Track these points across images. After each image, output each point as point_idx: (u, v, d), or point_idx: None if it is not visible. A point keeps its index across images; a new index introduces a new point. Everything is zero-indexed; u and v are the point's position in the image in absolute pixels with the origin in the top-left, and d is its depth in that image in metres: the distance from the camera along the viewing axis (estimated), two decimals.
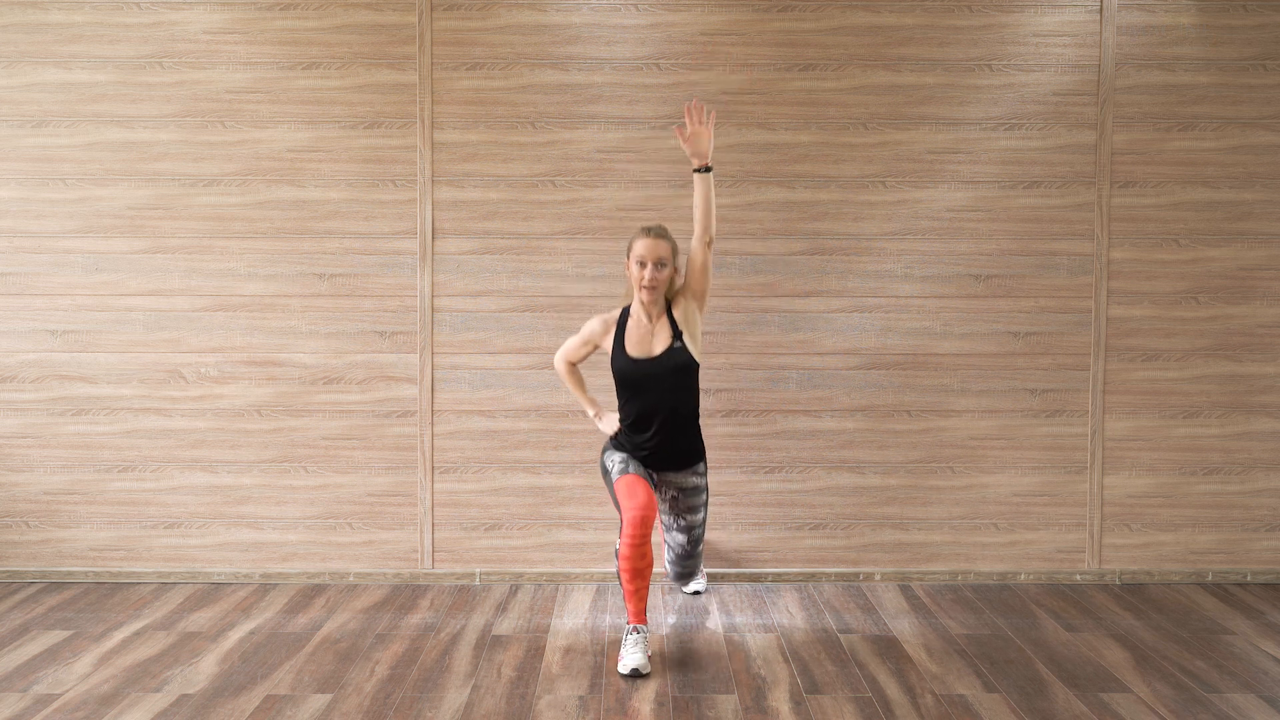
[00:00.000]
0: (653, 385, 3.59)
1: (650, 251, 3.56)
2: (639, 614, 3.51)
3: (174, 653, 3.57)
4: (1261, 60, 4.35)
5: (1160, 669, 3.47)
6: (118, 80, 4.30)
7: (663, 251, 3.56)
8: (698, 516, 3.73)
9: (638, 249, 3.58)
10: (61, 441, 4.37)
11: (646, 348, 3.62)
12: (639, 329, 3.64)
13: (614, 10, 4.30)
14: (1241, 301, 4.39)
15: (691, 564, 3.86)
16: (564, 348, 3.86)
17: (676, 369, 3.59)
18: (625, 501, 3.49)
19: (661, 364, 3.59)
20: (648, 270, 3.56)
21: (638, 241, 3.59)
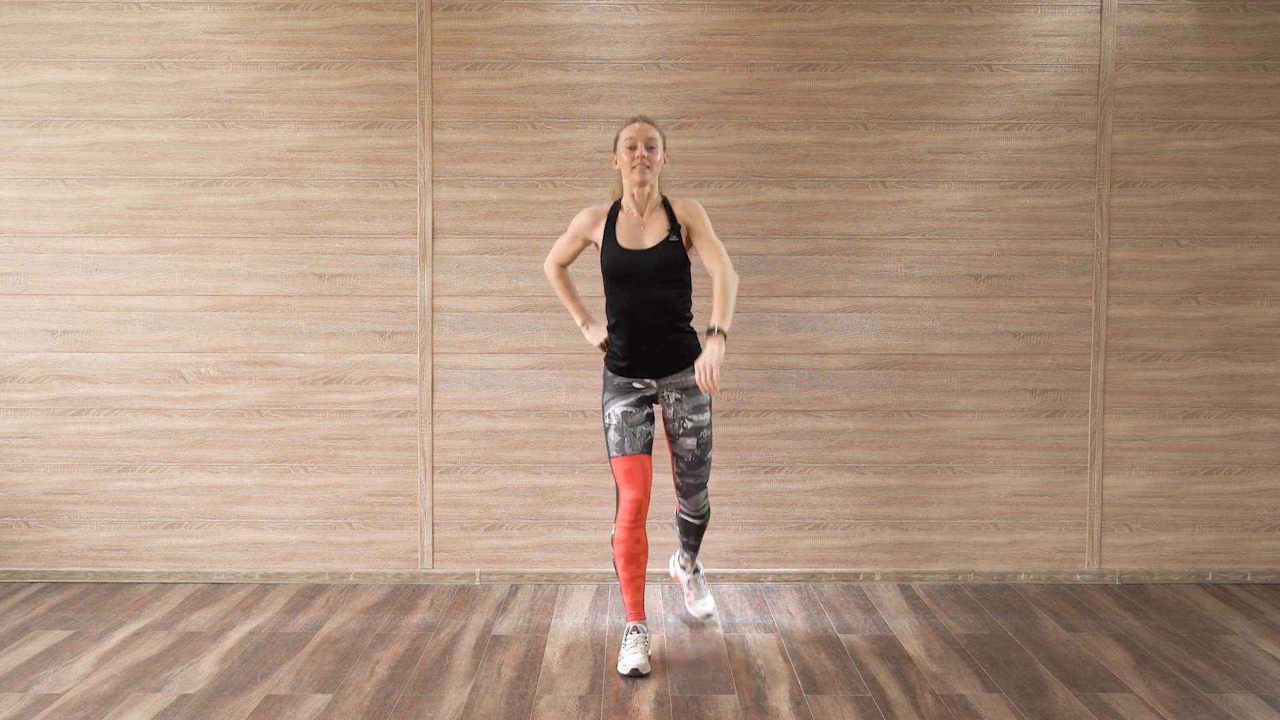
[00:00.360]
0: (643, 279, 3.48)
1: (639, 133, 3.48)
2: (637, 607, 3.51)
3: (174, 653, 3.57)
4: (1261, 60, 4.35)
5: (1160, 669, 3.47)
6: (118, 80, 4.30)
7: (651, 133, 3.49)
8: (704, 416, 3.58)
9: (626, 134, 3.51)
10: (61, 441, 4.37)
11: (638, 239, 3.52)
12: (629, 221, 3.55)
13: (614, 10, 4.30)
14: (1241, 301, 4.39)
15: (702, 472, 3.63)
16: (552, 250, 3.75)
17: (668, 264, 3.49)
18: (622, 487, 3.50)
19: (653, 256, 3.49)
20: (638, 150, 3.47)
21: (625, 129, 3.52)
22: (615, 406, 3.55)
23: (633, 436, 3.50)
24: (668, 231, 3.52)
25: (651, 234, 3.53)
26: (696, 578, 3.96)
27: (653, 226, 3.54)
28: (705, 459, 3.62)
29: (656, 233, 3.53)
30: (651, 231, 3.54)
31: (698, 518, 3.81)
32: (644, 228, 3.54)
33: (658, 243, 3.51)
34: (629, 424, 3.51)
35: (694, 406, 3.57)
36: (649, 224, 3.55)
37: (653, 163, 3.49)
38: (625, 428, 3.51)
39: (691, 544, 3.90)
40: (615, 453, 3.52)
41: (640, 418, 3.53)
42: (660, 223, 3.54)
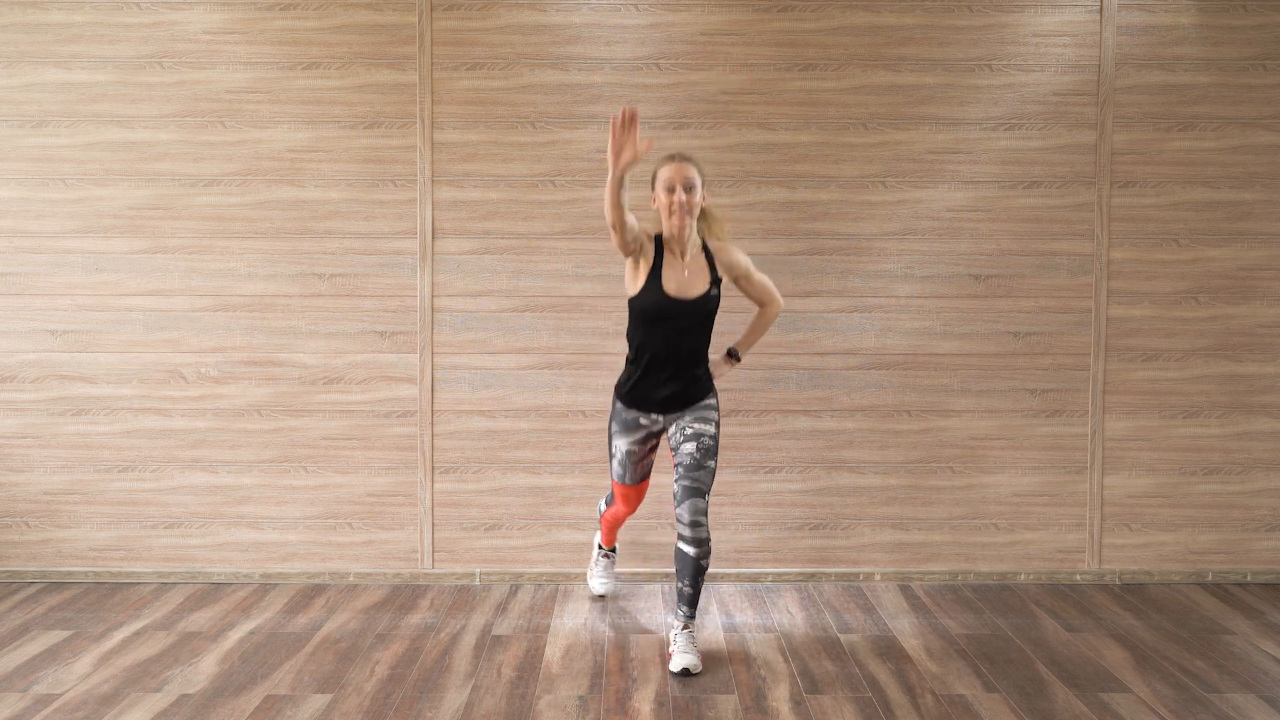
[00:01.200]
0: (679, 324, 3.48)
1: (678, 174, 3.43)
2: (611, 540, 4.11)
3: (174, 653, 3.57)
4: (1261, 60, 4.35)
5: (1160, 669, 3.47)
6: (118, 80, 4.30)
7: (690, 173, 3.43)
8: (708, 427, 3.54)
9: (663, 175, 3.45)
10: (61, 441, 4.37)
11: (684, 287, 3.47)
12: (674, 264, 3.49)
13: (614, 10, 4.30)
14: (1241, 301, 4.39)
15: (700, 476, 3.49)
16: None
17: (706, 315, 3.50)
18: (618, 502, 3.87)
19: (695, 306, 3.47)
20: (677, 194, 3.42)
21: (662, 168, 3.46)
22: (621, 442, 3.65)
23: (634, 471, 3.71)
24: (709, 284, 3.51)
25: (696, 283, 3.49)
26: (685, 634, 3.50)
27: (696, 274, 3.50)
28: (705, 465, 3.50)
29: (700, 282, 3.50)
30: (696, 280, 3.50)
31: (694, 543, 3.45)
32: (687, 274, 3.50)
33: (701, 294, 3.49)
34: (631, 461, 3.68)
35: (697, 418, 3.55)
36: (691, 270, 3.51)
37: (691, 206, 3.44)
38: (629, 464, 3.69)
39: (687, 591, 3.51)
40: (616, 479, 3.75)
41: (643, 453, 3.69)
42: (703, 271, 3.52)
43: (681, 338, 3.50)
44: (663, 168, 3.48)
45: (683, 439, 3.54)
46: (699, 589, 3.52)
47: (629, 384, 3.58)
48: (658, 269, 3.48)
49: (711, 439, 3.52)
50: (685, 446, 3.52)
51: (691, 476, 3.49)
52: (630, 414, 3.60)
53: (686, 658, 3.40)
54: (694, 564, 3.48)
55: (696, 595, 3.52)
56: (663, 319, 3.48)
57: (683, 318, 3.48)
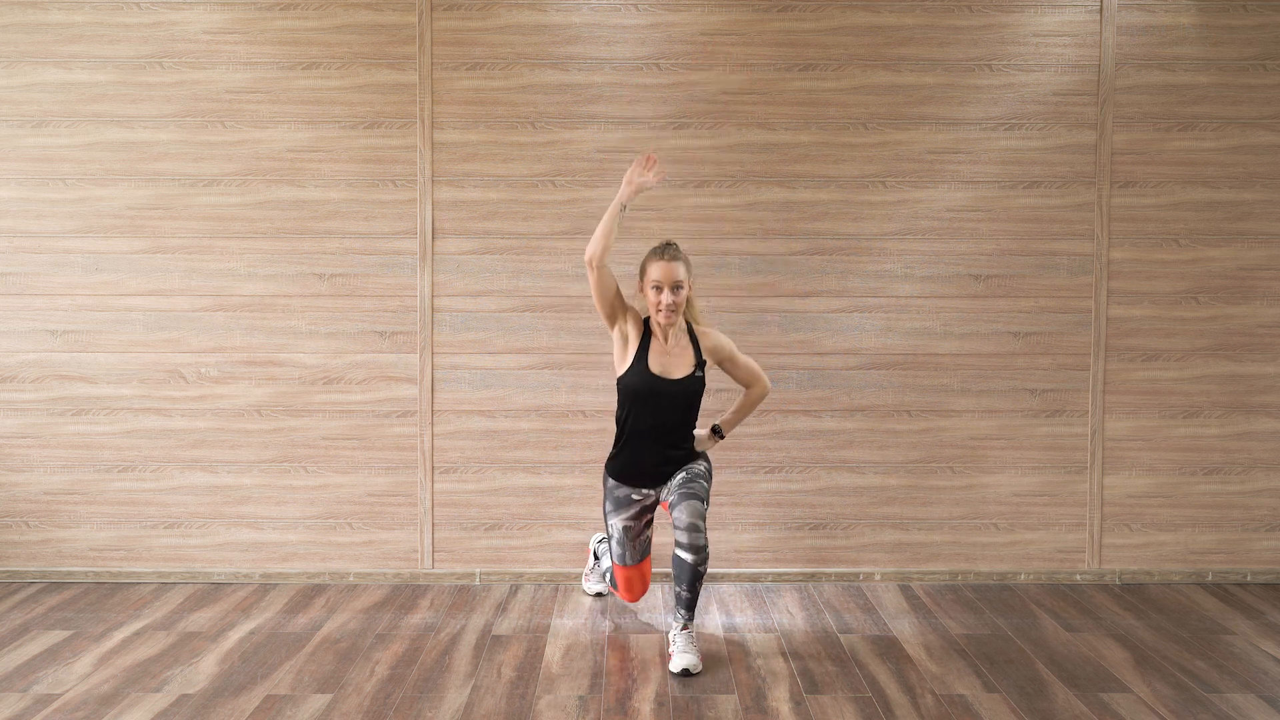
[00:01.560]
0: (665, 404, 3.59)
1: (666, 276, 3.51)
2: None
3: (174, 653, 3.57)
4: (1261, 60, 4.35)
5: (1160, 669, 3.47)
6: (118, 80, 4.30)
7: (679, 274, 3.52)
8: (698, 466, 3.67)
9: (652, 273, 3.53)
10: (61, 441, 4.37)
11: (668, 368, 3.59)
12: (659, 346, 3.62)
13: (614, 10, 4.30)
14: (1241, 301, 4.39)
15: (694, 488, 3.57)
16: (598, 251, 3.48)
17: (689, 394, 3.61)
18: (621, 589, 3.84)
19: (680, 387, 3.59)
20: (665, 296, 3.52)
21: (651, 265, 3.54)
22: (616, 520, 3.72)
23: (633, 549, 3.75)
24: (694, 365, 3.61)
25: (680, 364, 3.60)
26: (685, 634, 3.50)
27: (680, 355, 3.62)
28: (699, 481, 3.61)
29: (684, 365, 3.61)
30: (681, 361, 3.61)
31: (692, 550, 3.45)
32: (671, 355, 3.61)
33: (684, 376, 3.59)
34: (629, 537, 3.73)
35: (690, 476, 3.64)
36: (677, 351, 3.61)
37: (679, 305, 3.54)
38: (626, 541, 3.73)
39: (685, 596, 3.50)
40: (617, 561, 3.78)
41: (640, 528, 3.75)
42: (687, 352, 3.63)
43: (666, 417, 3.61)
44: (651, 264, 3.53)
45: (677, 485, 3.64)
46: (697, 593, 3.53)
47: (617, 459, 3.70)
48: (645, 349, 3.60)
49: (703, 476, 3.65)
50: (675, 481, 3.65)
51: (688, 487, 3.60)
52: (621, 490, 3.71)
53: (686, 658, 3.41)
54: (691, 570, 3.48)
55: (695, 599, 3.53)
56: (649, 398, 3.58)
57: (668, 397, 3.58)
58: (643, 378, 3.58)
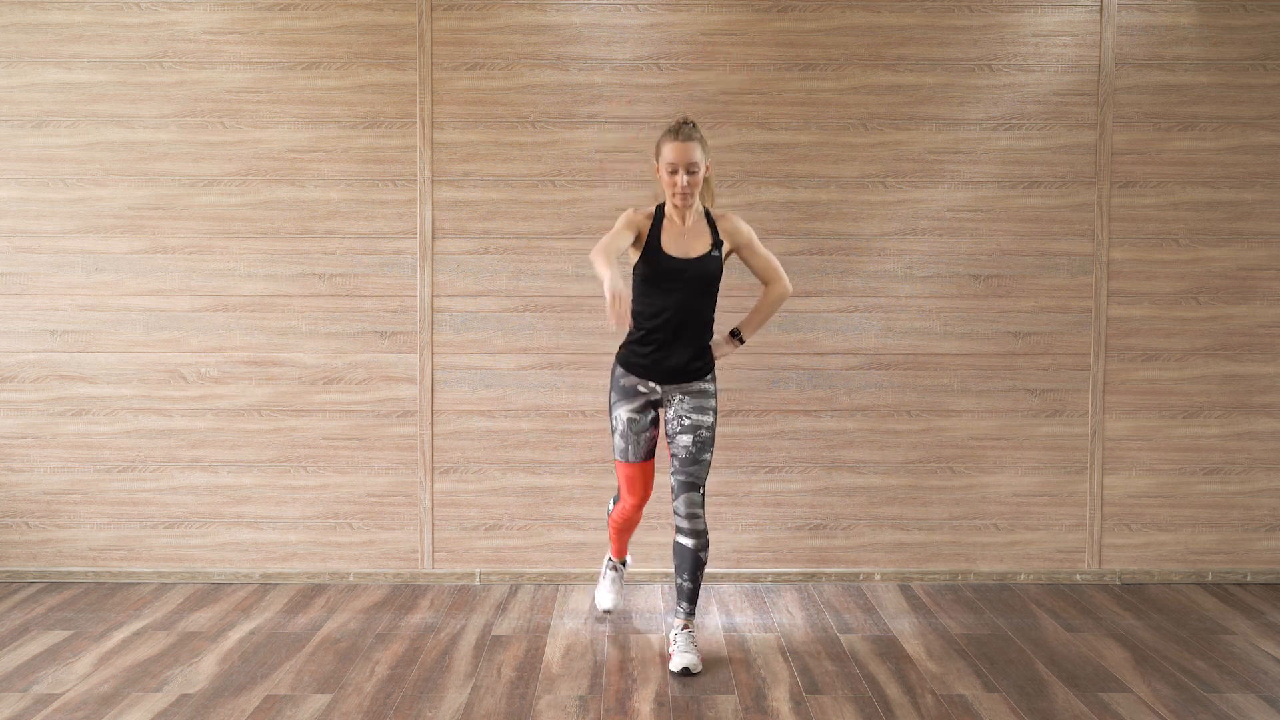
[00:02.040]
0: (681, 287, 3.46)
1: (681, 156, 3.38)
2: (621, 550, 3.91)
3: (174, 653, 3.57)
4: (1261, 60, 4.35)
5: (1160, 669, 3.47)
6: (118, 80, 4.30)
7: (694, 155, 3.38)
8: (705, 417, 3.53)
9: (666, 154, 3.40)
10: (61, 441, 4.37)
11: (684, 248, 3.47)
12: (674, 228, 3.48)
13: (614, 10, 4.30)
14: (1241, 301, 4.39)
15: (696, 471, 3.51)
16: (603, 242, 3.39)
17: (709, 276, 3.47)
18: (625, 493, 3.66)
19: (696, 267, 3.46)
20: (680, 177, 3.39)
21: (666, 145, 3.41)
22: (621, 411, 3.57)
23: (637, 444, 3.56)
24: (710, 245, 3.50)
25: (697, 244, 3.49)
26: (685, 634, 3.51)
27: (697, 236, 3.50)
28: (701, 458, 3.51)
29: (701, 243, 3.49)
30: (697, 241, 3.49)
31: (692, 535, 3.48)
32: (688, 236, 3.50)
33: (702, 254, 3.48)
34: (634, 431, 3.55)
35: (694, 407, 3.53)
36: (692, 233, 3.50)
37: (694, 186, 3.42)
38: (630, 434, 3.55)
39: (687, 586, 3.52)
40: (619, 457, 3.59)
41: (644, 424, 3.57)
42: (704, 233, 3.51)
43: (684, 301, 3.47)
44: (666, 144, 3.42)
45: (680, 429, 3.53)
46: (699, 584, 3.52)
47: (629, 347, 3.56)
48: (656, 234, 3.48)
49: (709, 430, 3.53)
50: (682, 438, 3.52)
51: (687, 471, 3.50)
52: (629, 379, 3.56)
53: (686, 657, 3.41)
54: (693, 557, 3.49)
55: (696, 591, 3.53)
56: (664, 280, 3.45)
57: (684, 279, 3.45)
58: (655, 259, 3.45)
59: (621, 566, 3.95)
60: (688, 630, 3.51)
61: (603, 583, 3.94)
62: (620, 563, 3.96)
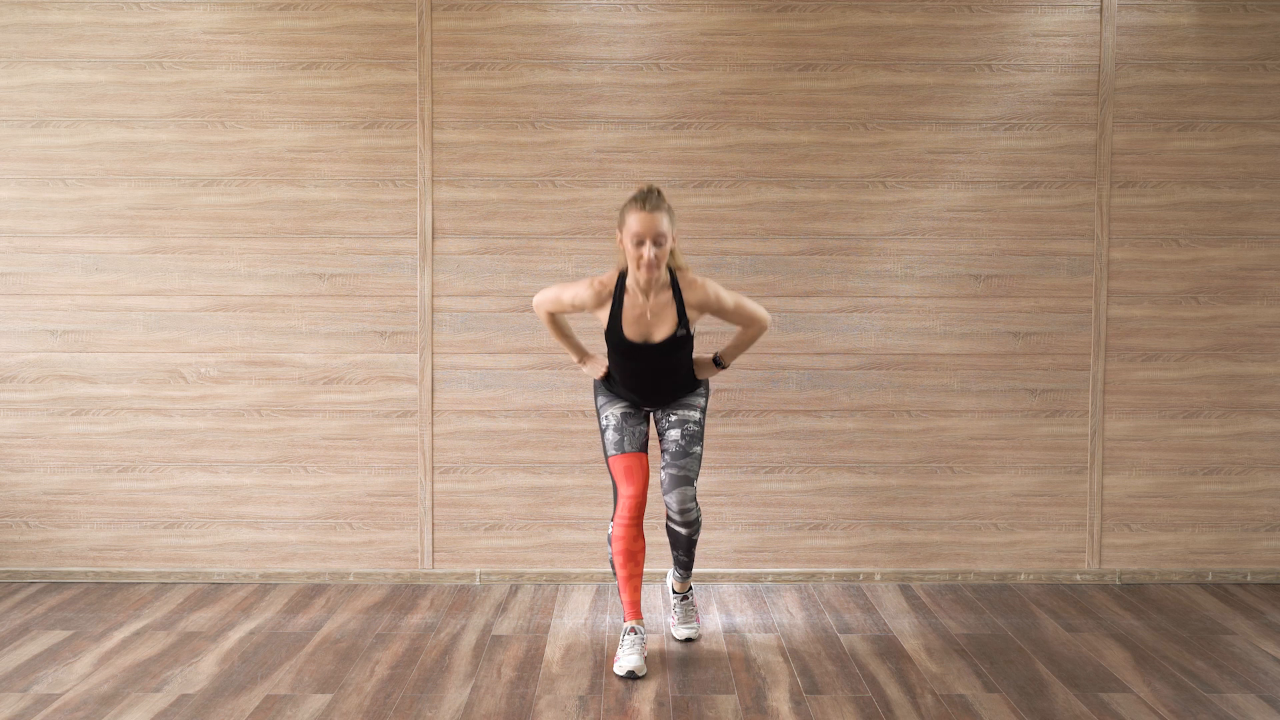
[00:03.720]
0: (649, 361, 3.45)
1: (648, 228, 3.26)
2: (634, 606, 3.49)
3: (174, 653, 3.57)
4: (1261, 60, 4.35)
5: (1160, 669, 3.47)
6: (118, 80, 4.30)
7: (661, 225, 3.27)
8: (693, 413, 3.54)
9: (632, 224, 3.27)
10: (61, 441, 4.37)
11: (645, 331, 3.41)
12: (635, 309, 3.39)
13: (614, 10, 4.30)
14: (1241, 301, 4.39)
15: (686, 465, 3.50)
16: (547, 296, 3.53)
17: (675, 350, 3.43)
18: (621, 485, 3.50)
19: (660, 348, 3.42)
20: (646, 249, 3.27)
21: (630, 215, 3.28)
22: (613, 409, 3.58)
23: (631, 435, 3.54)
24: (675, 325, 3.40)
25: (660, 327, 3.40)
26: (684, 604, 3.73)
27: (661, 316, 3.40)
28: (691, 451, 3.50)
29: (665, 326, 3.40)
30: (660, 323, 3.40)
31: (684, 525, 3.55)
32: (650, 316, 3.40)
33: (665, 338, 3.41)
34: (627, 423, 3.55)
35: (685, 404, 3.57)
36: (656, 311, 3.40)
37: (661, 260, 3.31)
38: (624, 427, 3.54)
39: (682, 559, 3.67)
40: (614, 451, 3.53)
41: (638, 419, 3.60)
42: (668, 312, 3.40)
43: (656, 367, 3.48)
44: (631, 214, 3.29)
45: (668, 425, 3.57)
46: (693, 557, 3.71)
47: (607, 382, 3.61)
48: (617, 314, 3.41)
49: (697, 424, 3.54)
50: (671, 434, 3.55)
51: (678, 464, 3.51)
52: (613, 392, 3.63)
53: (687, 629, 3.62)
54: (686, 539, 3.63)
55: (690, 562, 3.71)
56: (632, 356, 3.46)
57: (651, 357, 3.45)
58: (617, 339, 3.42)
59: (640, 628, 3.49)
60: (687, 601, 3.67)
61: (622, 647, 3.44)
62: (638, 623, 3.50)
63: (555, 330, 3.67)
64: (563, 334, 3.68)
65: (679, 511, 3.53)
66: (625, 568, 3.48)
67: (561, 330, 3.67)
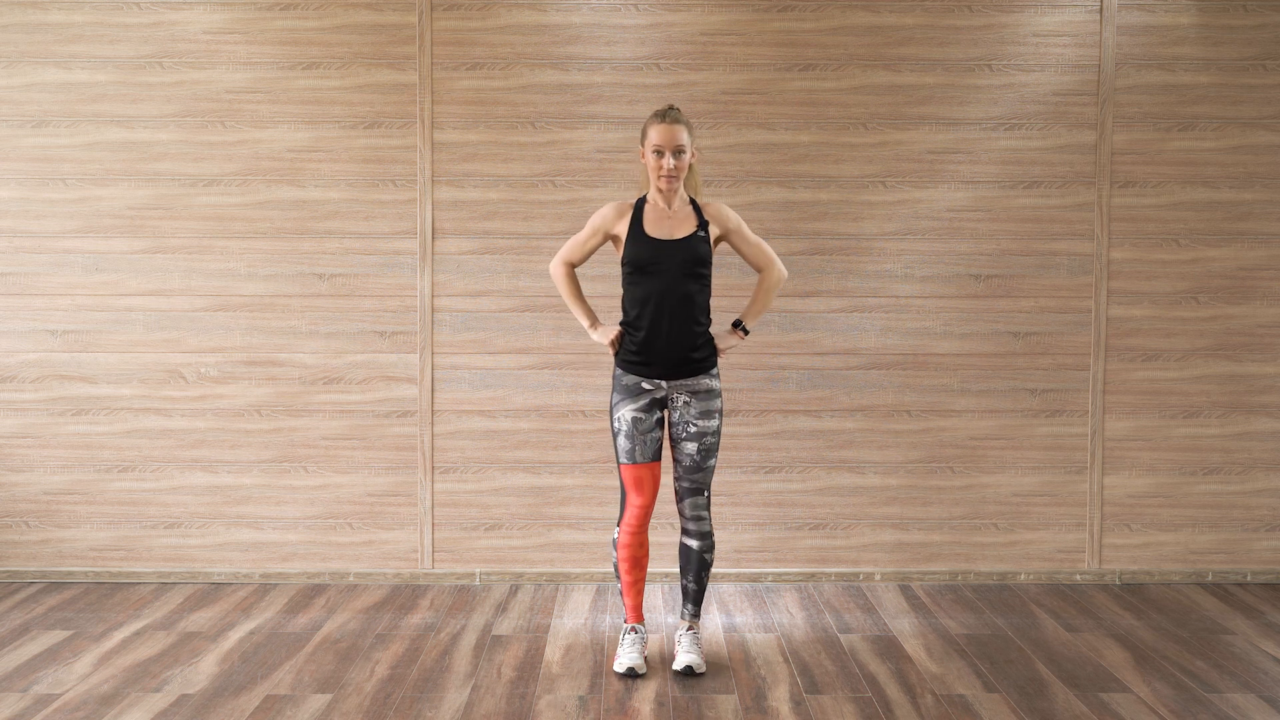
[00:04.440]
0: (668, 269, 3.40)
1: (668, 139, 3.37)
2: (637, 610, 3.51)
3: (174, 653, 3.57)
4: (1261, 60, 4.35)
5: (1160, 669, 3.47)
6: (118, 80, 4.30)
7: (681, 138, 3.37)
8: (711, 423, 3.46)
9: (653, 136, 3.39)
10: (61, 441, 4.37)
11: (667, 230, 3.44)
12: (656, 213, 3.47)
13: (614, 10, 4.30)
14: (1241, 301, 4.39)
15: (699, 478, 3.47)
16: (564, 248, 3.61)
17: (695, 258, 3.41)
18: (630, 495, 3.46)
19: (682, 247, 3.42)
20: (666, 159, 3.38)
21: (652, 128, 3.40)
22: (625, 411, 3.46)
23: (643, 444, 3.44)
24: (696, 226, 3.47)
25: (682, 227, 3.47)
26: (690, 634, 3.51)
27: (682, 220, 3.48)
28: (705, 466, 3.47)
29: (686, 226, 3.47)
30: (682, 224, 3.47)
31: (698, 536, 3.48)
32: (672, 220, 3.47)
33: (687, 235, 3.45)
34: (639, 430, 3.44)
35: (701, 411, 3.46)
36: (679, 216, 3.48)
37: (680, 170, 3.41)
38: (636, 434, 3.44)
39: (692, 588, 3.50)
40: (625, 460, 3.45)
41: (650, 424, 3.46)
42: (689, 217, 3.49)
43: (676, 283, 3.40)
44: (652, 127, 3.40)
45: (685, 435, 3.47)
46: (704, 586, 3.52)
47: (628, 345, 3.48)
48: (639, 221, 3.47)
49: (714, 437, 3.48)
50: (687, 446, 3.47)
51: (692, 478, 3.48)
52: (630, 379, 3.48)
53: (690, 657, 3.40)
54: (698, 558, 3.49)
55: (701, 592, 3.52)
56: (654, 264, 3.41)
57: (674, 262, 3.40)
58: (639, 243, 3.43)
59: (641, 628, 3.53)
60: (693, 631, 3.50)
61: (622, 645, 3.50)
62: (638, 624, 3.54)
63: (569, 289, 3.61)
64: (575, 294, 3.62)
65: (692, 519, 3.48)
66: (630, 574, 3.49)
67: (574, 288, 3.62)
